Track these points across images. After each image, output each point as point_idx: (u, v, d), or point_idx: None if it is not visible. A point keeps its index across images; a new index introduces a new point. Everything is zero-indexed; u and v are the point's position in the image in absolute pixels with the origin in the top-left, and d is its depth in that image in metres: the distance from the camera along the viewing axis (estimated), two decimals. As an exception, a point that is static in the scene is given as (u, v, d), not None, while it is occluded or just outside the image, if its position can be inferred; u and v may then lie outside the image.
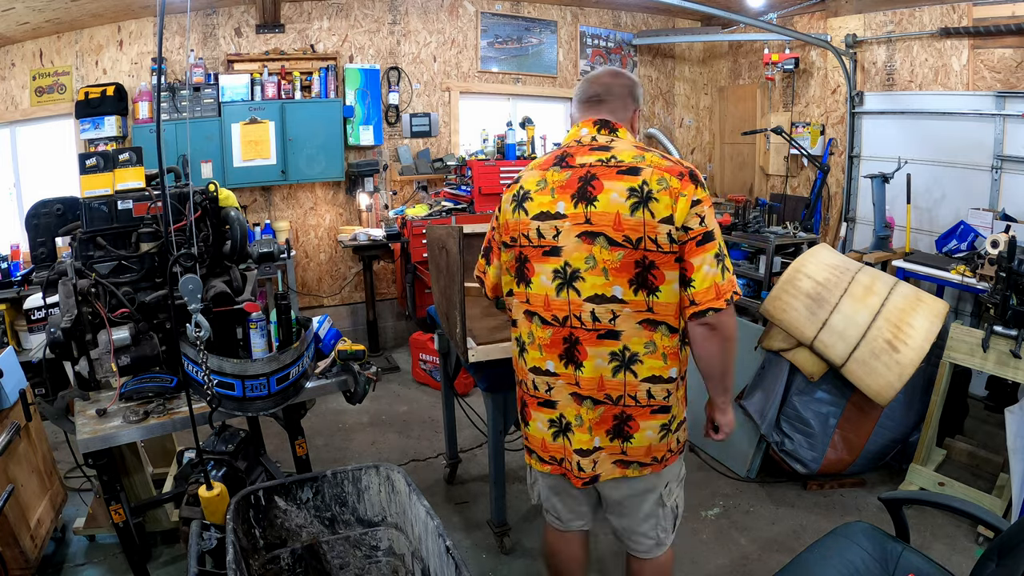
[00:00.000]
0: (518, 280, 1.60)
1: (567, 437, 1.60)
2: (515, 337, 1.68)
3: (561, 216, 1.49)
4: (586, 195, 1.46)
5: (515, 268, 1.60)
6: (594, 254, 1.45)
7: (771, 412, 2.90)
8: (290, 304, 2.09)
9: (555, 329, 1.54)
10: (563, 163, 1.53)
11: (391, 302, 5.20)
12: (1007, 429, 2.50)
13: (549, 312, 1.54)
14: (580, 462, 1.58)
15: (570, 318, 1.51)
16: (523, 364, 1.66)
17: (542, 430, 1.64)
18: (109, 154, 2.07)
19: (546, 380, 1.59)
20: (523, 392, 1.69)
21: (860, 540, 1.69)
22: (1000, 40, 3.84)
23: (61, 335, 1.84)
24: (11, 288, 3.55)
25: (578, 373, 1.53)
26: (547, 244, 1.51)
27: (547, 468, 1.68)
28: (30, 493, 2.30)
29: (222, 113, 4.31)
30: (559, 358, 1.55)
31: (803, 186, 5.28)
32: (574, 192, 1.48)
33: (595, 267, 1.45)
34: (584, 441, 1.57)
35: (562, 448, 1.62)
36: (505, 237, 1.62)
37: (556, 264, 1.50)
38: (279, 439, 2.70)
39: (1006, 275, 2.53)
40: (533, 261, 1.54)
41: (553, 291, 1.51)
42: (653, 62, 6.02)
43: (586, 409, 1.55)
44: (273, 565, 1.76)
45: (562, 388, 1.57)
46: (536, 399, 1.63)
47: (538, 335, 1.57)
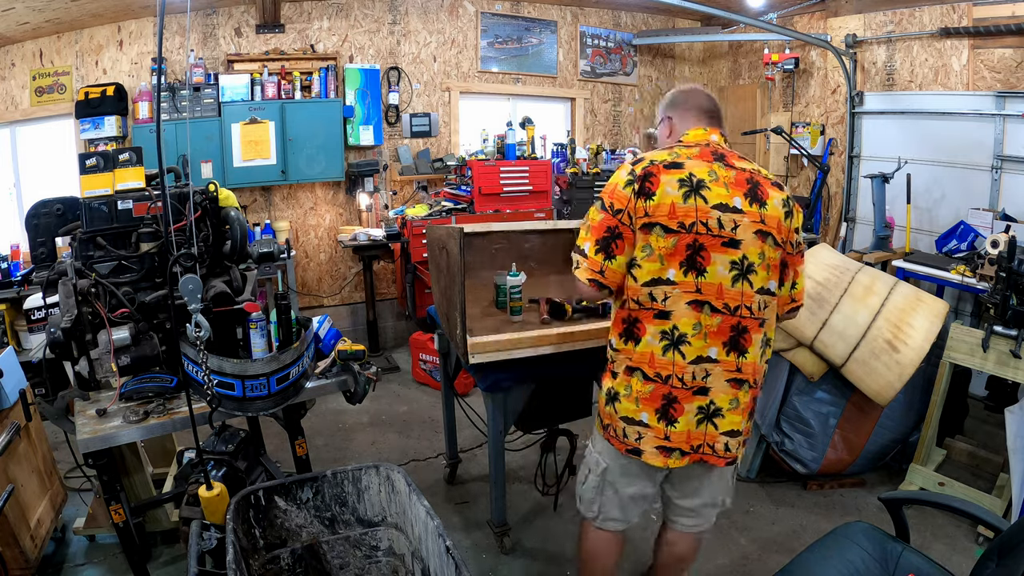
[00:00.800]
0: (687, 269, 1.56)
1: (712, 423, 1.64)
2: (660, 331, 1.59)
3: (739, 211, 1.57)
4: (758, 197, 1.59)
5: (684, 256, 1.56)
6: (764, 251, 1.59)
7: (771, 412, 2.90)
8: (290, 304, 2.09)
9: (725, 317, 1.58)
10: (725, 161, 1.62)
11: (391, 302, 5.20)
12: (1007, 429, 2.50)
13: (721, 301, 1.57)
14: (728, 443, 1.66)
15: (741, 307, 1.59)
16: (677, 358, 1.59)
17: (691, 422, 1.63)
18: (109, 154, 2.07)
19: (705, 368, 1.60)
20: (670, 388, 1.61)
21: (860, 540, 1.69)
22: (1000, 40, 3.84)
23: (61, 335, 1.84)
24: (11, 288, 3.55)
25: (741, 360, 1.61)
26: (727, 235, 1.56)
27: (686, 460, 1.66)
28: (30, 493, 2.30)
29: (222, 113, 4.31)
30: (723, 345, 1.60)
31: (803, 186, 5.28)
32: (746, 191, 1.58)
33: (764, 262, 1.59)
34: (736, 423, 1.65)
35: (703, 434, 1.64)
36: (667, 221, 1.54)
37: (735, 256, 1.57)
38: (279, 439, 2.70)
39: (1006, 275, 2.53)
40: (711, 250, 1.55)
41: (729, 281, 1.57)
42: (653, 62, 6.02)
43: (744, 393, 1.64)
44: (273, 565, 1.76)
45: (720, 375, 1.61)
46: (691, 390, 1.61)
47: (707, 323, 1.58)
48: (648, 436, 1.65)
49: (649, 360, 1.62)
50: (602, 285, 1.64)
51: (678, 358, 1.60)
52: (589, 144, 5.47)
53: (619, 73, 5.84)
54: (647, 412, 1.64)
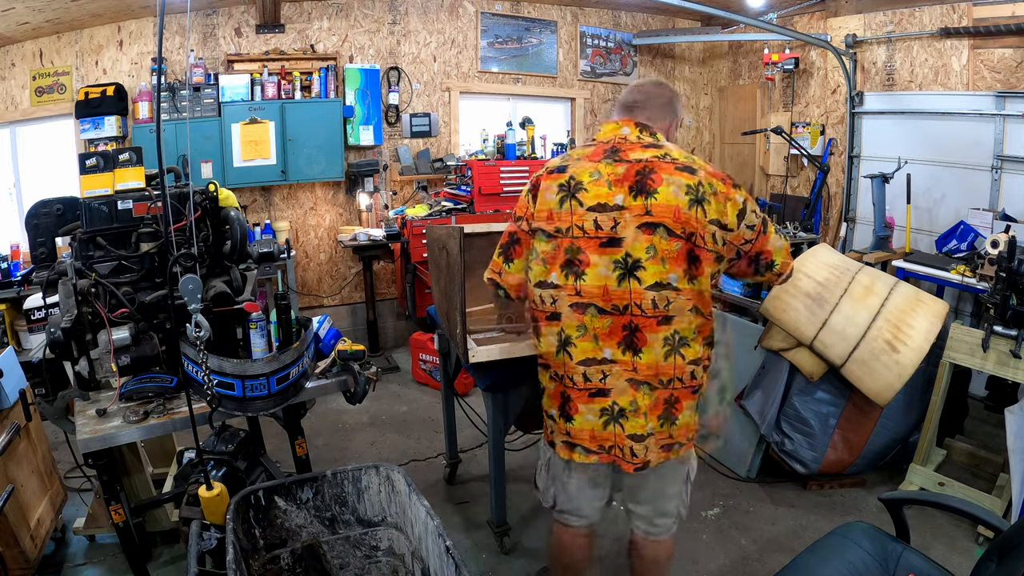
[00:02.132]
0: (566, 273, 1.58)
1: (619, 424, 1.62)
2: (554, 331, 1.63)
3: (620, 208, 1.52)
4: (645, 188, 1.52)
5: (563, 260, 1.58)
6: (654, 243, 1.52)
7: (771, 412, 2.90)
8: (290, 304, 2.09)
9: (614, 318, 1.56)
10: (616, 157, 1.57)
11: (391, 302, 5.20)
12: (1007, 429, 2.50)
13: (608, 302, 1.55)
14: (633, 447, 1.63)
15: (631, 306, 1.55)
16: (566, 359, 1.63)
17: (592, 420, 1.64)
18: (109, 154, 2.07)
19: (601, 369, 1.59)
20: (564, 388, 1.66)
21: (860, 540, 1.68)
22: (1000, 40, 3.84)
23: (61, 335, 1.84)
24: (11, 288, 3.55)
25: (636, 359, 1.58)
26: (604, 235, 1.53)
27: (593, 459, 1.67)
28: (30, 493, 2.30)
29: (222, 113, 4.31)
30: (617, 345, 1.57)
31: (803, 186, 5.28)
32: (632, 185, 1.53)
33: (655, 256, 1.52)
34: (639, 426, 1.61)
35: (613, 435, 1.63)
36: (546, 226, 1.60)
37: (616, 255, 1.53)
38: (279, 439, 2.70)
39: (1006, 275, 2.53)
40: (588, 252, 1.55)
41: (614, 281, 1.54)
42: (653, 62, 6.02)
43: (643, 394, 1.60)
44: (273, 565, 1.76)
45: (619, 375, 1.59)
46: (586, 391, 1.62)
47: (593, 325, 1.57)
48: (557, 430, 1.72)
49: (550, 359, 1.68)
50: (498, 285, 1.75)
51: (567, 359, 1.63)
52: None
53: (619, 73, 5.84)
54: (553, 408, 1.72)
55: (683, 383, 1.61)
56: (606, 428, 1.63)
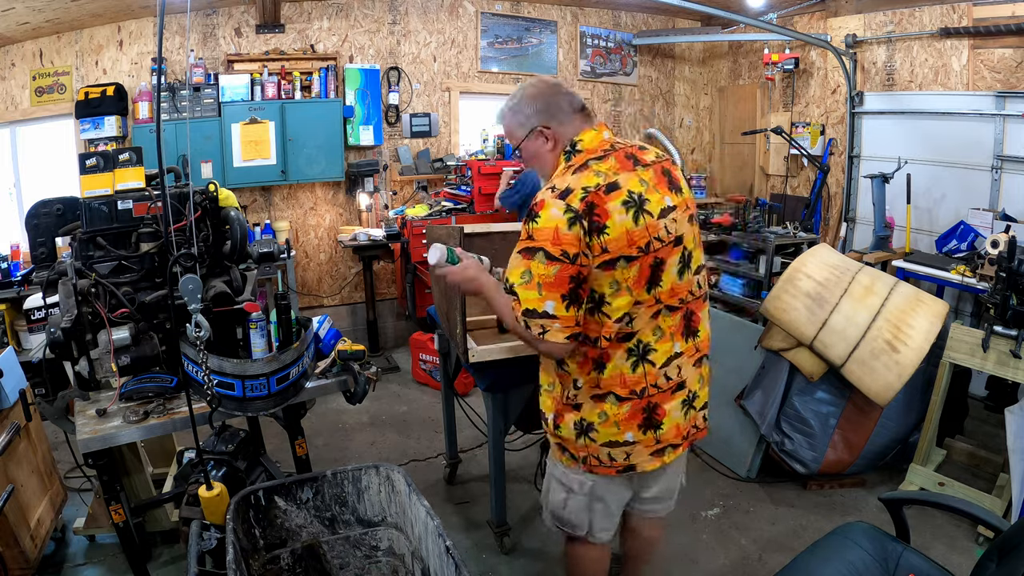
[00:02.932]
0: (649, 287, 1.50)
1: (692, 406, 1.68)
2: (624, 349, 1.54)
3: (673, 208, 1.55)
4: (675, 185, 1.59)
5: (647, 276, 1.49)
6: (694, 233, 1.63)
7: (771, 412, 2.90)
8: (290, 304, 2.09)
9: (678, 311, 1.60)
10: (639, 162, 1.55)
11: (391, 302, 5.20)
12: (1007, 429, 2.50)
13: (675, 298, 1.58)
14: (705, 415, 1.74)
15: (687, 295, 1.61)
16: (647, 368, 1.56)
17: (677, 416, 1.64)
18: (109, 154, 2.07)
19: (677, 363, 1.61)
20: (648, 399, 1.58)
21: (860, 540, 1.69)
22: (1000, 40, 3.84)
23: (61, 335, 1.84)
24: (11, 288, 3.55)
25: (696, 341, 1.65)
26: (673, 236, 1.55)
27: (680, 452, 1.70)
28: (30, 493, 2.30)
29: (222, 113, 4.31)
30: (682, 335, 1.62)
31: (803, 186, 5.28)
32: (667, 184, 1.57)
33: (697, 243, 1.64)
34: (706, 395, 1.73)
35: (690, 420, 1.68)
36: (628, 251, 1.45)
37: (679, 252, 1.57)
38: (279, 439, 2.70)
39: (1006, 275, 2.53)
40: (667, 259, 1.52)
41: (677, 277, 1.57)
42: (653, 62, 6.02)
43: (705, 368, 1.71)
44: (273, 565, 1.76)
45: (686, 361, 1.63)
46: (670, 390, 1.61)
47: (666, 325, 1.57)
48: (638, 449, 1.62)
49: (620, 381, 1.56)
50: (578, 335, 1.51)
51: (648, 368, 1.56)
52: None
53: (619, 73, 5.84)
54: (631, 431, 1.59)
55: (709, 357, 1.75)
56: (686, 417, 1.66)
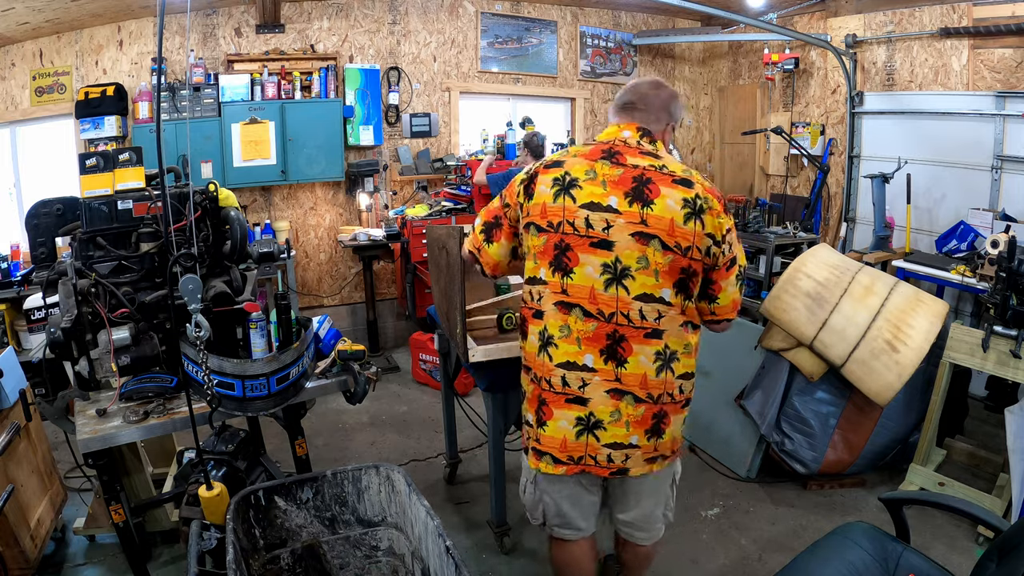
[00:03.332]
0: (554, 269, 1.54)
1: (594, 434, 1.57)
2: (537, 331, 1.58)
3: (614, 211, 1.48)
4: (642, 196, 1.47)
5: (552, 256, 1.53)
6: (647, 255, 1.48)
7: (771, 412, 2.90)
8: (290, 304, 2.09)
9: (599, 323, 1.51)
10: (613, 158, 1.52)
11: (391, 302, 5.20)
12: (1007, 429, 2.50)
13: (595, 306, 1.51)
14: (611, 454, 1.58)
15: (616, 315, 1.50)
16: (546, 359, 1.57)
17: (564, 428, 1.58)
18: (109, 154, 2.07)
19: (580, 376, 1.54)
20: (541, 390, 1.61)
21: (860, 540, 1.69)
22: (1000, 40, 3.84)
23: (61, 335, 1.84)
24: (11, 288, 3.55)
25: (620, 370, 1.53)
26: (596, 236, 1.49)
27: (561, 469, 1.62)
28: (30, 493, 2.30)
29: (222, 113, 4.31)
30: (600, 353, 1.52)
31: (803, 186, 5.28)
32: (628, 190, 1.48)
33: (647, 268, 1.48)
34: (620, 436, 1.57)
35: (583, 446, 1.58)
36: (538, 220, 1.55)
37: (606, 258, 1.49)
38: (279, 439, 2.70)
39: (1006, 275, 2.53)
40: (578, 251, 1.50)
41: (601, 285, 1.50)
42: (653, 62, 6.02)
43: (626, 404, 1.55)
44: (273, 565, 1.76)
45: (598, 385, 1.54)
46: (563, 396, 1.56)
47: (577, 328, 1.52)
48: (531, 437, 1.66)
49: (531, 359, 1.63)
50: (477, 259, 1.75)
51: (546, 359, 1.57)
52: (589, 144, 5.46)
53: (619, 73, 5.84)
54: (530, 413, 1.66)
55: (673, 399, 1.59)
56: (578, 438, 1.58)
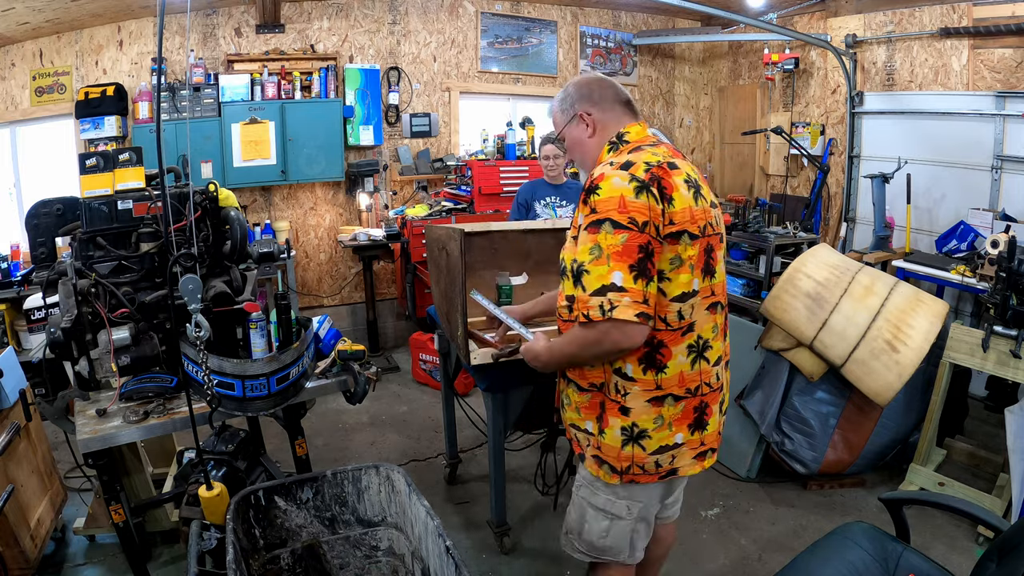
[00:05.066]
0: (705, 273, 1.44)
1: (722, 411, 1.61)
2: (687, 344, 1.44)
3: (715, 207, 1.55)
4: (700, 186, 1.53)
5: (703, 262, 1.43)
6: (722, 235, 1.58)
7: (771, 412, 2.90)
8: (290, 304, 2.09)
9: (725, 309, 1.58)
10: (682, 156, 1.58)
11: (391, 302, 5.20)
12: (1007, 429, 2.50)
13: (724, 296, 1.56)
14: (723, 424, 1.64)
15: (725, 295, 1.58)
16: (704, 366, 1.48)
17: (719, 418, 1.59)
18: (109, 154, 2.07)
19: (725, 362, 1.60)
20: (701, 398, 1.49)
21: (860, 540, 1.69)
22: (1000, 40, 3.84)
23: (61, 335, 1.84)
24: (11, 288, 3.55)
25: (726, 344, 1.60)
26: (719, 232, 1.53)
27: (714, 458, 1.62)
28: (30, 493, 2.30)
29: (222, 113, 4.31)
30: (722, 336, 1.57)
31: (803, 186, 5.28)
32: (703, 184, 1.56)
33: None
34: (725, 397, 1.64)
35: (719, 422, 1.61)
36: (691, 227, 1.39)
37: (723, 249, 1.56)
38: (279, 439, 2.70)
39: (1006, 275, 2.53)
40: (718, 250, 1.52)
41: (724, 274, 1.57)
42: (653, 62, 6.02)
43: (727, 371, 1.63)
44: (273, 565, 1.76)
45: (723, 365, 1.58)
46: (718, 389, 1.55)
47: (719, 321, 1.53)
48: (683, 451, 1.51)
49: (679, 380, 1.45)
50: (649, 317, 1.35)
51: (704, 365, 1.48)
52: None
53: (619, 73, 5.84)
54: (681, 432, 1.49)
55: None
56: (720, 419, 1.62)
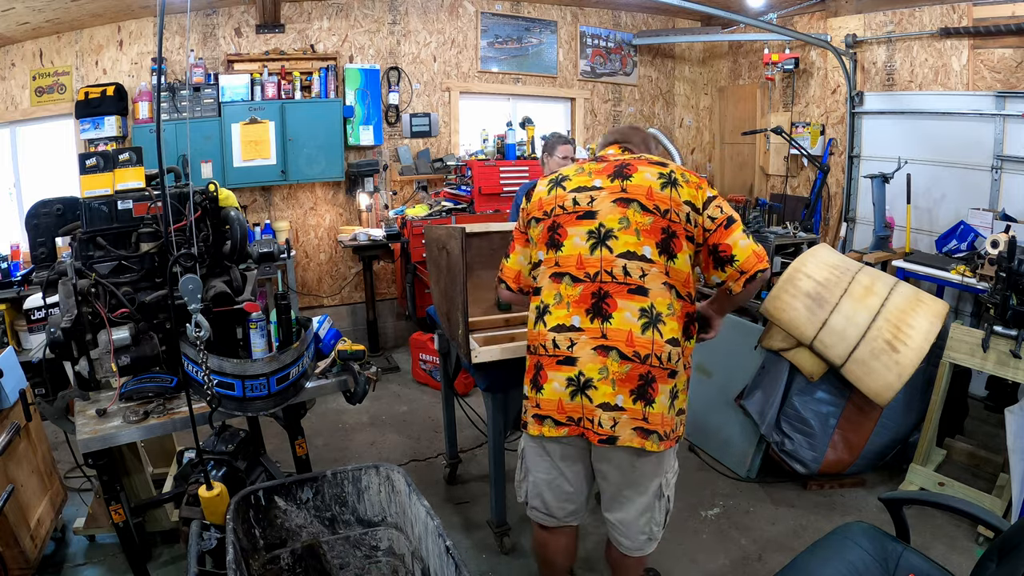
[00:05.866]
0: (548, 247, 1.72)
1: (586, 395, 1.63)
2: (535, 306, 1.75)
3: (598, 188, 1.69)
4: (621, 174, 1.69)
5: (547, 237, 1.73)
6: (628, 216, 1.63)
7: (771, 412, 2.90)
8: (290, 304, 2.09)
9: (585, 284, 1.65)
10: (600, 161, 1.78)
11: (391, 302, 5.20)
12: (1007, 429, 2.50)
13: (581, 270, 1.65)
14: (601, 418, 1.62)
15: (600, 273, 1.63)
16: (542, 328, 1.71)
17: (559, 390, 1.66)
18: (109, 154, 2.07)
19: (569, 336, 1.65)
20: (538, 357, 1.72)
21: (860, 540, 1.68)
22: (1000, 40, 3.84)
23: (61, 335, 1.84)
24: (11, 288, 3.55)
25: (605, 325, 1.62)
26: (581, 210, 1.68)
27: (563, 431, 1.68)
28: (30, 493, 2.30)
29: (222, 113, 4.31)
30: (586, 312, 1.64)
31: (803, 186, 5.28)
32: (610, 173, 1.70)
33: (629, 227, 1.63)
34: (608, 395, 1.62)
35: (580, 407, 1.65)
36: (536, 213, 1.77)
37: (591, 226, 1.66)
38: (279, 439, 2.70)
39: (1006, 275, 2.53)
40: (566, 226, 1.69)
41: (587, 250, 1.65)
42: (653, 62, 6.02)
43: (612, 361, 1.61)
44: (273, 565, 1.76)
45: (586, 343, 1.63)
46: (555, 358, 1.67)
47: (567, 293, 1.67)
48: (529, 406, 1.76)
49: (530, 334, 1.77)
50: (502, 281, 1.91)
51: (542, 328, 1.71)
52: (589, 144, 5.48)
53: (619, 73, 5.84)
54: (527, 382, 1.78)
55: (660, 362, 1.61)
56: (573, 399, 1.65)
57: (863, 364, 2.61)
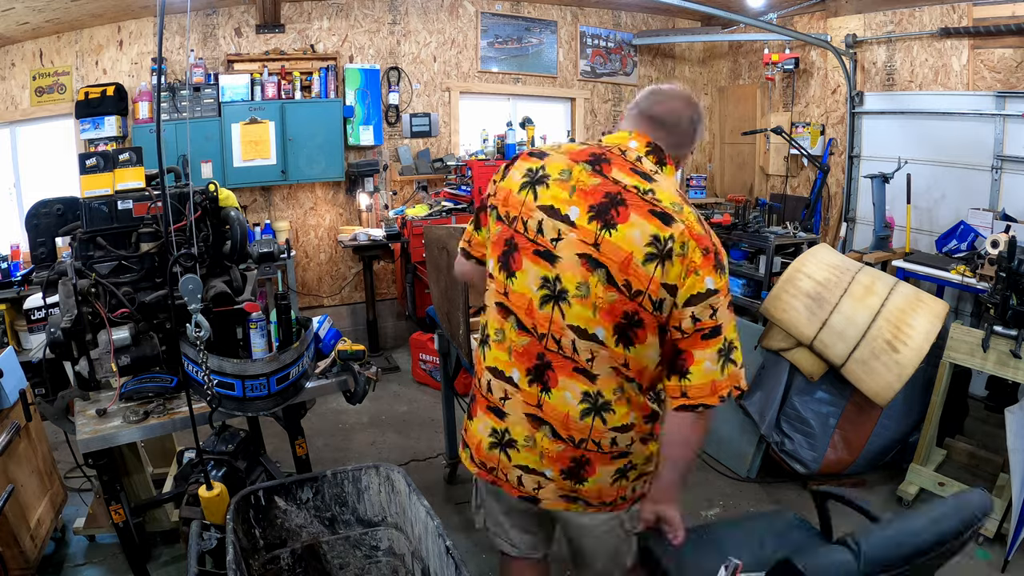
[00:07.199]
0: (501, 266, 1.40)
1: (506, 452, 1.44)
2: (481, 324, 1.50)
3: (570, 223, 1.30)
4: (607, 217, 1.27)
5: (501, 251, 1.39)
6: (589, 283, 1.28)
7: (771, 412, 2.90)
8: (290, 304, 2.09)
9: (531, 340, 1.36)
10: (597, 166, 1.33)
11: (391, 302, 5.20)
12: (1007, 429, 2.50)
13: (531, 320, 1.36)
14: (521, 477, 1.44)
15: (548, 337, 1.34)
16: (481, 357, 1.49)
17: (481, 433, 1.49)
18: (109, 154, 2.07)
19: (504, 388, 1.42)
20: (475, 386, 1.54)
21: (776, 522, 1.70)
22: (1000, 40, 3.84)
23: (61, 335, 1.84)
24: (11, 288, 3.55)
25: (544, 396, 1.37)
26: (543, 245, 1.32)
27: (474, 469, 1.54)
28: (30, 493, 2.30)
29: (222, 113, 4.31)
30: (526, 372, 1.38)
31: (803, 186, 5.28)
32: (595, 204, 1.29)
33: (587, 298, 1.29)
34: (532, 461, 1.42)
35: (496, 459, 1.47)
36: (500, 208, 1.41)
37: (547, 271, 1.32)
38: (279, 439, 2.69)
39: (1006, 275, 2.53)
40: (523, 254, 1.35)
41: (538, 300, 1.34)
42: (653, 62, 6.02)
43: (543, 436, 1.39)
44: (273, 565, 1.77)
45: (518, 405, 1.40)
46: (487, 401, 1.48)
47: (511, 338, 1.39)
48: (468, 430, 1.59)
49: (475, 354, 1.59)
50: (467, 253, 1.57)
51: (481, 357, 1.49)
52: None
53: (619, 73, 5.84)
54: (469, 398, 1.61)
55: (599, 448, 1.38)
56: (491, 450, 1.47)
57: (863, 364, 2.61)
